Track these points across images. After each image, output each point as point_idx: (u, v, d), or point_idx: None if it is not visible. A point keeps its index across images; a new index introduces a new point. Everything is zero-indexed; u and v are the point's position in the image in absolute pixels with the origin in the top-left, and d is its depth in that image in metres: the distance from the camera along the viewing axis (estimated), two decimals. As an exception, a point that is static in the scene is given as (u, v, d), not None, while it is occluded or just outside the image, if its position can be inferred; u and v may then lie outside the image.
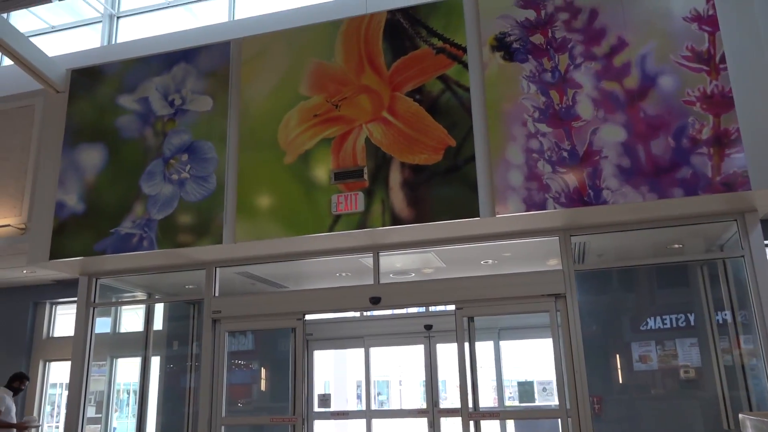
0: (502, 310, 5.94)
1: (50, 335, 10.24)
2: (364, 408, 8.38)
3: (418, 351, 8.25)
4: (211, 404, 6.38)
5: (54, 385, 10.33)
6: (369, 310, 8.06)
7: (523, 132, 5.40)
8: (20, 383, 8.04)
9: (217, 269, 6.78)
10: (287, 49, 6.32)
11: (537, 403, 7.44)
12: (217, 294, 6.71)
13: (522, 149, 5.37)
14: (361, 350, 8.27)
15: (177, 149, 6.39)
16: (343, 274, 7.40)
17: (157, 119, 6.55)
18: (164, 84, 6.63)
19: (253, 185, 6.09)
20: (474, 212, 5.40)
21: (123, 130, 6.66)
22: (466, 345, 5.88)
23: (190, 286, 8.22)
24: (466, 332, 5.91)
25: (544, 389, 7.43)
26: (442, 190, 5.52)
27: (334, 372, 11.96)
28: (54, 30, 11.16)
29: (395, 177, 5.66)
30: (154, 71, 6.72)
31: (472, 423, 5.63)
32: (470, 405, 5.65)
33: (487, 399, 8.15)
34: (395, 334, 8.59)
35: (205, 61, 6.58)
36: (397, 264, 6.96)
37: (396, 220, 5.58)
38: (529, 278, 5.83)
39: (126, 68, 6.88)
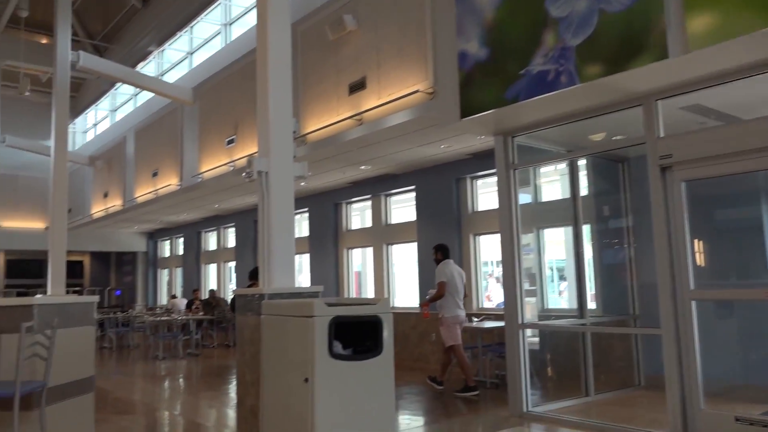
0: None
1: (474, 209, 10.16)
2: None
3: None
4: (671, 274, 4.95)
5: (485, 264, 10.33)
6: None
7: None
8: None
9: (658, 103, 5.12)
10: None
11: None
12: (662, 134, 5.09)
13: None
14: None
15: (589, -53, 4.81)
16: None
17: None
18: None
19: (708, -37, 4.14)
20: None
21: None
22: None
23: (618, 137, 6.75)
24: None
25: None
26: None
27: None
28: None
29: None
30: None
31: None
32: None
33: None
34: None
35: None
36: None
37: None
38: None
39: None
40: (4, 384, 3.64)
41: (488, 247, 10.12)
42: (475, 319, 8.82)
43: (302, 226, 13.90)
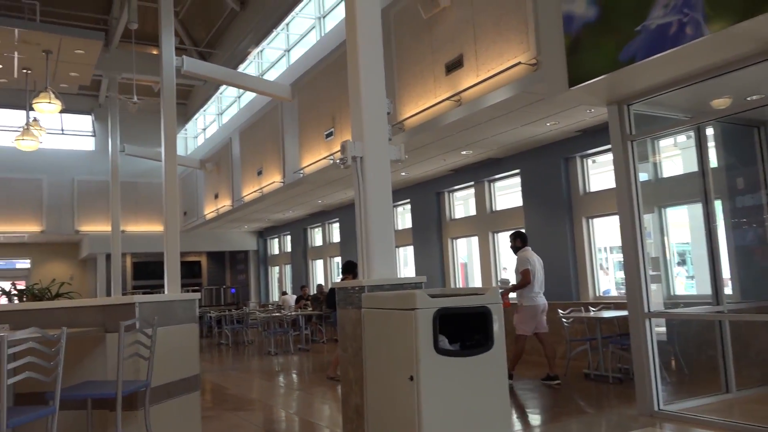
0: None
1: (586, 191, 9.46)
2: None
3: None
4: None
5: (600, 250, 9.61)
6: None
7: None
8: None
9: (809, 51, 4.36)
10: None
11: None
12: (815, 87, 4.34)
13: None
14: None
15: None
16: None
17: None
18: None
19: None
20: None
21: None
22: None
23: (754, 97, 5.92)
24: None
25: None
26: None
27: None
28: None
29: None
30: None
31: None
32: None
33: None
34: None
35: None
36: None
37: None
38: None
39: None
40: (107, 384, 3.62)
41: (603, 231, 9.40)
42: (593, 309, 8.18)
43: (405, 218, 13.69)
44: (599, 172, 9.50)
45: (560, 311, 7.91)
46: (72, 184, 19.60)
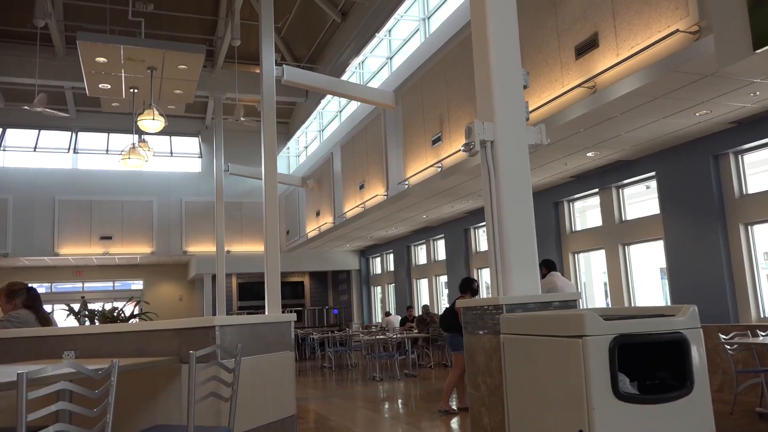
0: None
1: (743, 192, 7.98)
2: None
3: None
4: None
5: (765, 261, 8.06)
6: None
7: None
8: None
9: None
10: None
11: None
12: None
13: None
14: None
15: None
16: None
17: None
18: None
19: None
20: None
21: None
22: None
23: None
24: None
25: None
26: None
27: None
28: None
29: None
30: None
31: None
32: None
33: None
34: None
35: None
36: None
37: None
38: None
39: None
40: (178, 429, 2.82)
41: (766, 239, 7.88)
42: (762, 333, 6.71)
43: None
44: (759, 171, 8.00)
45: (722, 336, 6.52)
46: (180, 206, 19.95)
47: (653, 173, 9.04)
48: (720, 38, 4.50)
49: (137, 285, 21.52)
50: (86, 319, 6.87)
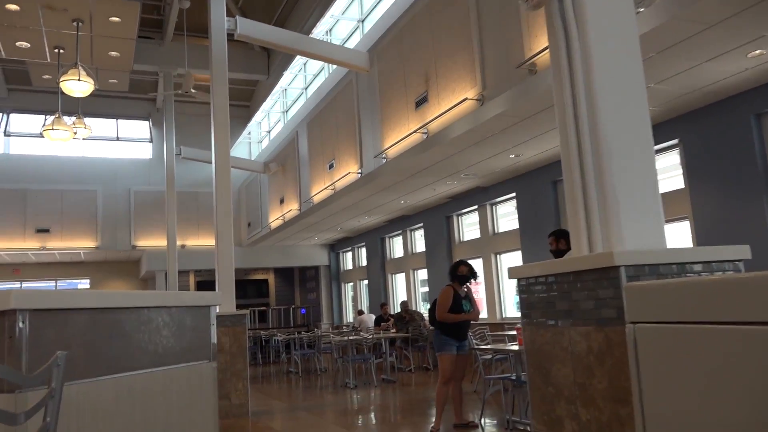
0: None
1: (793, 157, 6.61)
2: None
3: None
4: None
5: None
6: None
7: None
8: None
9: None
10: None
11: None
12: None
13: None
14: None
15: None
16: None
17: None
18: None
19: None
20: None
21: None
22: None
23: None
24: None
25: None
26: None
27: None
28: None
29: None
30: None
31: None
32: None
33: None
34: None
35: None
36: None
37: None
38: None
39: None
40: None
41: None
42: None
43: (512, 221, 11.04)
44: None
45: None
46: (128, 196, 17.99)
47: (677, 140, 7.66)
48: None
49: (83, 284, 19.48)
50: None
